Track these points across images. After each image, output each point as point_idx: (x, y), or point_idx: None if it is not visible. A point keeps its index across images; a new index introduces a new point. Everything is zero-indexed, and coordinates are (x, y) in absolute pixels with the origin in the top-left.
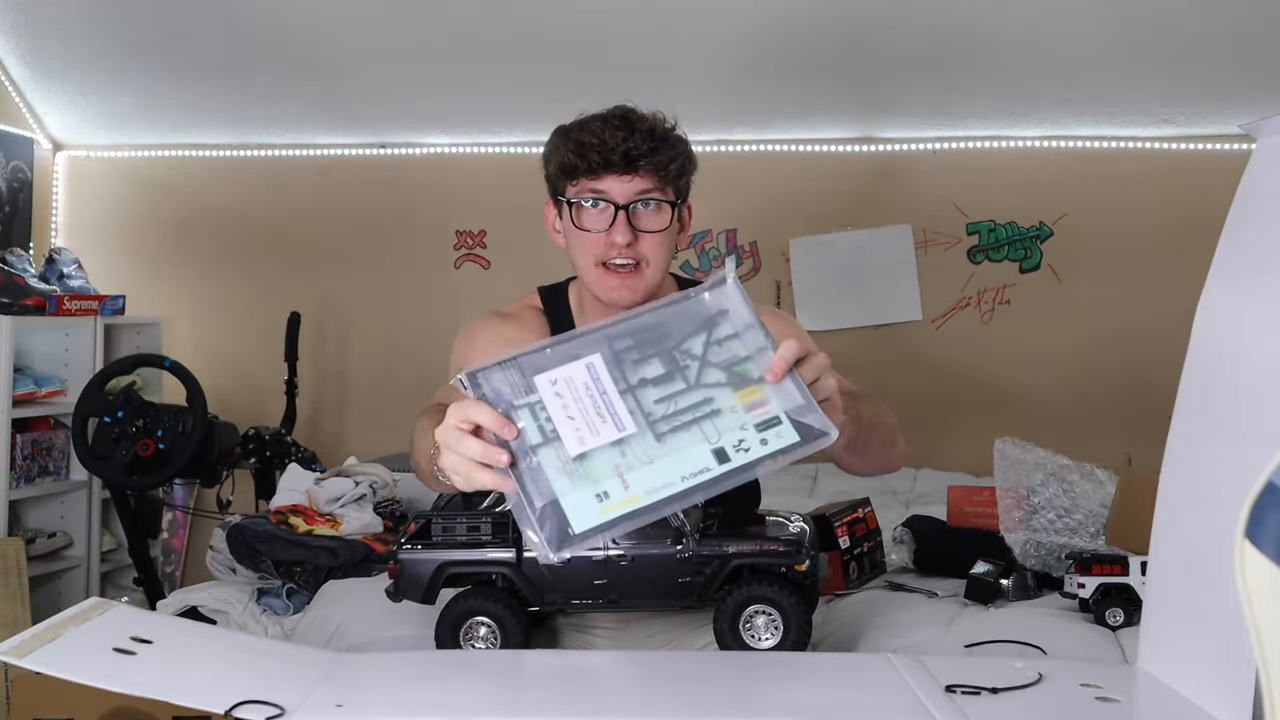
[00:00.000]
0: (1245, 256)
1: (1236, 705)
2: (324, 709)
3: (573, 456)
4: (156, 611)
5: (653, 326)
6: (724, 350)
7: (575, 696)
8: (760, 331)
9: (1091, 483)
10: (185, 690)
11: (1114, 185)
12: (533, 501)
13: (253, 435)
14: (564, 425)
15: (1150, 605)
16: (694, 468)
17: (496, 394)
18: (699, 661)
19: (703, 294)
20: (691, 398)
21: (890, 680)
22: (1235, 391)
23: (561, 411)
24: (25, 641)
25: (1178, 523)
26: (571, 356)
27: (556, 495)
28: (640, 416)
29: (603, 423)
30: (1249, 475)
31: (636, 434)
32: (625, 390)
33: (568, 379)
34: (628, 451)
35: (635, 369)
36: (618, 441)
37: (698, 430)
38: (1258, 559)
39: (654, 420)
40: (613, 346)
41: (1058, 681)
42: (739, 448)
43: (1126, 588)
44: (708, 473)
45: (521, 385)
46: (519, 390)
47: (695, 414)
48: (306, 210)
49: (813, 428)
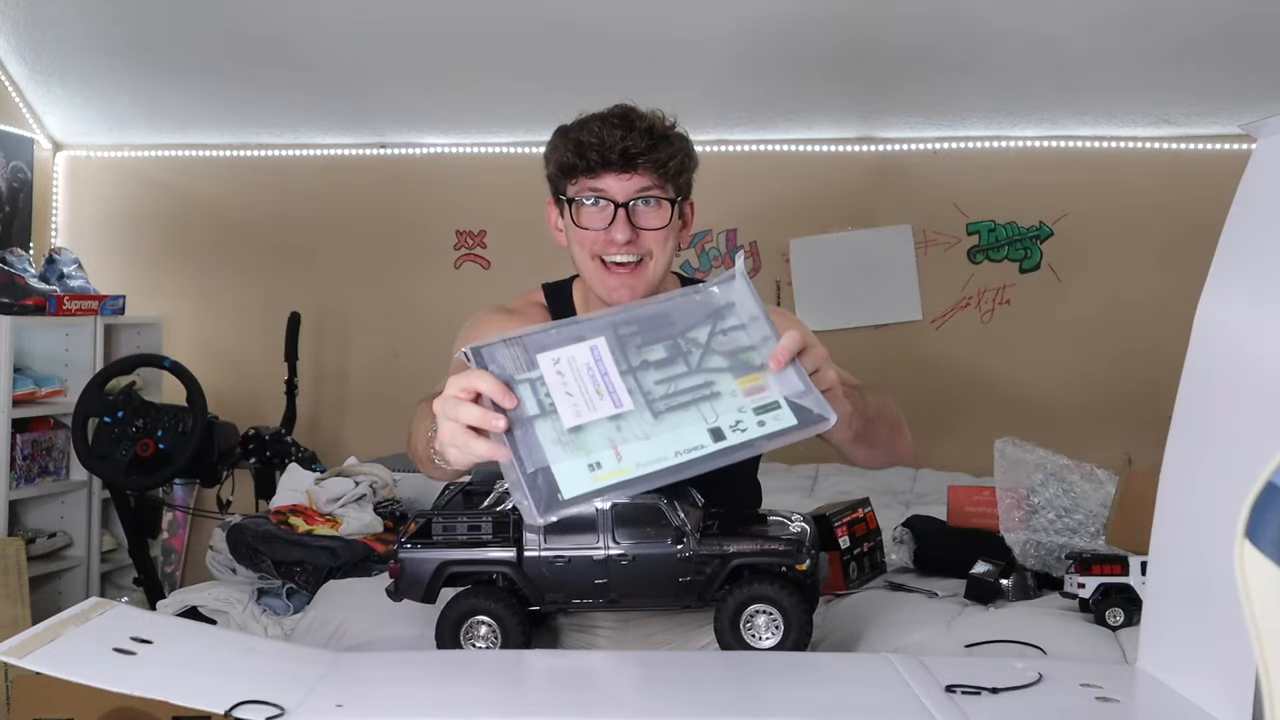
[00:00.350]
0: (1245, 256)
1: (1236, 705)
2: (324, 709)
3: (568, 428)
4: (156, 611)
5: (659, 315)
6: (728, 340)
7: (576, 696)
8: (766, 324)
9: (1091, 483)
10: (185, 690)
11: (1114, 185)
12: (525, 467)
13: (253, 435)
14: (562, 400)
15: (1150, 605)
16: (688, 444)
17: (499, 369)
18: (699, 661)
19: (711, 288)
20: (692, 380)
21: (890, 680)
22: (1235, 391)
23: (561, 388)
24: (25, 641)
25: (1177, 523)
26: (576, 338)
27: (549, 463)
28: (639, 395)
29: (600, 399)
30: (1249, 475)
31: (634, 411)
32: (626, 371)
33: (570, 358)
34: (623, 426)
35: (638, 353)
36: (614, 416)
37: (695, 410)
38: (1258, 559)
39: (653, 400)
40: (618, 331)
41: (1058, 681)
42: (735, 428)
43: (1126, 588)
44: (702, 449)
45: (524, 361)
46: (521, 366)
47: (695, 395)
48: (306, 210)
49: (811, 411)
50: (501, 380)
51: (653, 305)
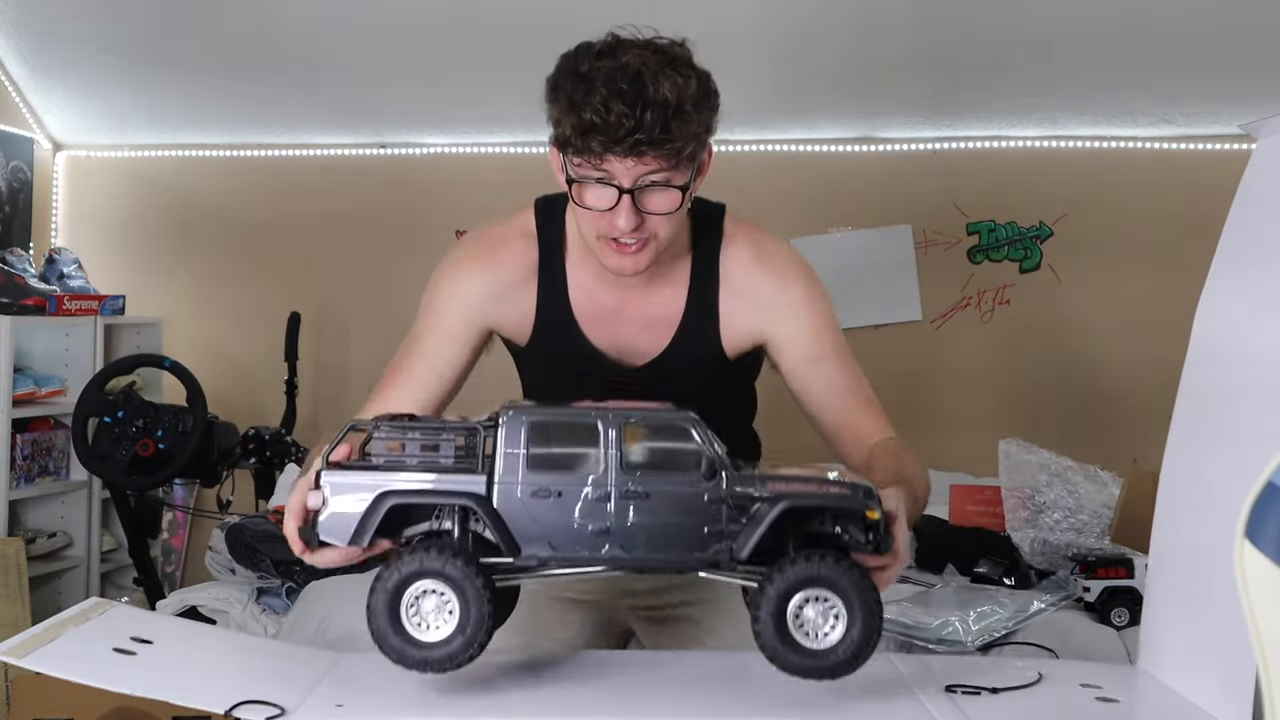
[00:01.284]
0: (1245, 256)
1: (1237, 705)
2: (324, 709)
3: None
4: (156, 611)
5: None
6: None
7: (576, 696)
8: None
9: (1095, 484)
10: (185, 690)
11: (1114, 185)
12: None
13: (253, 435)
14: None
15: (1150, 605)
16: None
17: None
18: (699, 661)
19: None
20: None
21: (890, 680)
22: (1235, 391)
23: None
24: (25, 641)
25: (1178, 523)
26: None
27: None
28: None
29: None
30: (1249, 475)
31: None
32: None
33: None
34: None
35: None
36: None
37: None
38: (1258, 559)
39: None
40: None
41: (1058, 682)
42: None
43: (1131, 589)
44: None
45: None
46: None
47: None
48: (306, 210)
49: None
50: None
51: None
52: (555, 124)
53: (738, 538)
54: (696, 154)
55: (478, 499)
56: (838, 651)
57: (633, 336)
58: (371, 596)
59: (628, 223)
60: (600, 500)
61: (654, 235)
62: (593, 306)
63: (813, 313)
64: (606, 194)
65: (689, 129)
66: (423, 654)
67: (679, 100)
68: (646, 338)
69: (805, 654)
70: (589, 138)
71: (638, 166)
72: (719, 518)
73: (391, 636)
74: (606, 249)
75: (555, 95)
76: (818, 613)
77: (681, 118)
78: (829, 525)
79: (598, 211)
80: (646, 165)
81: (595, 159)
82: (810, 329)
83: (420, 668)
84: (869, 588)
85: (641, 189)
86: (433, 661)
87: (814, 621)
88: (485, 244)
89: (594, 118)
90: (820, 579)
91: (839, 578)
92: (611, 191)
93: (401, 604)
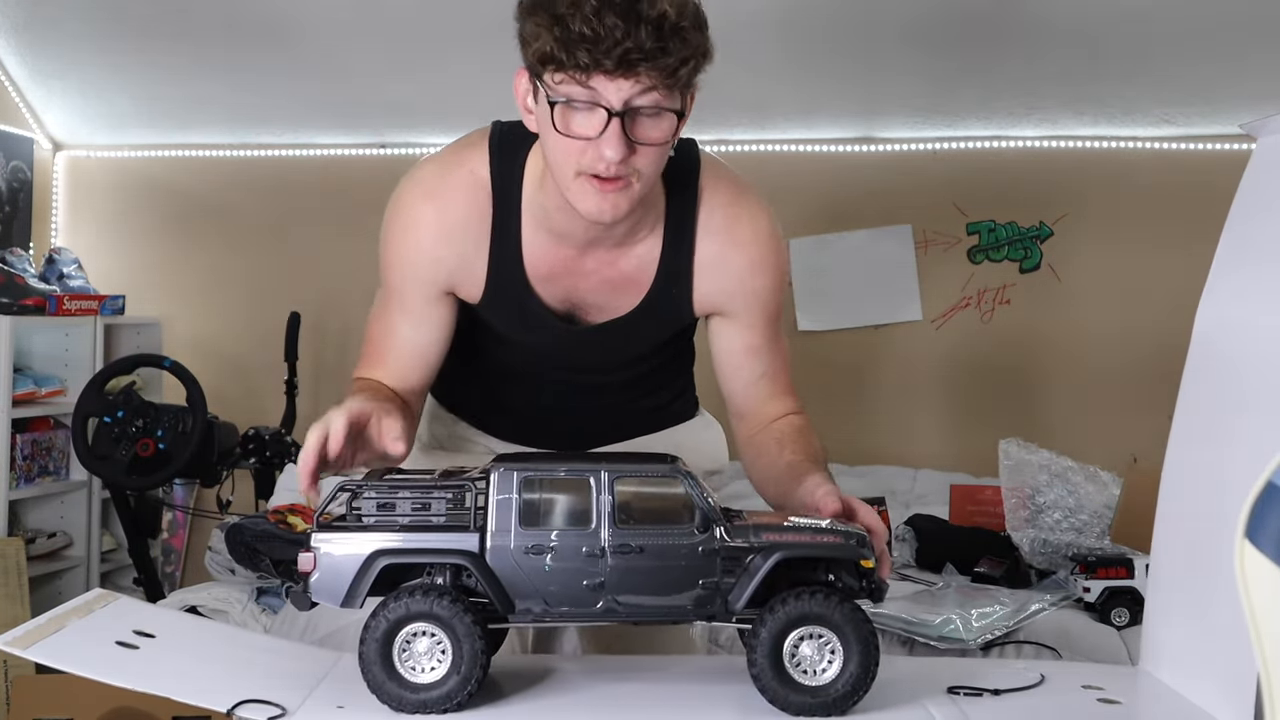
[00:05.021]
0: (1245, 256)
1: (1237, 705)
2: (326, 709)
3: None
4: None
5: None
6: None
7: (575, 697)
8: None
9: (1095, 484)
10: (186, 688)
11: (1114, 185)
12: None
13: (253, 435)
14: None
15: (1151, 606)
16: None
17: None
18: (699, 662)
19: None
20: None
21: (891, 681)
22: (1235, 391)
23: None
24: (29, 632)
25: (1178, 523)
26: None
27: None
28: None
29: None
30: (1249, 475)
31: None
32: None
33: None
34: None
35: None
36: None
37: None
38: (1258, 559)
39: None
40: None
41: (1059, 683)
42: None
43: (1132, 589)
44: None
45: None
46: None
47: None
48: (306, 210)
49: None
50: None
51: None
52: (532, 40)
53: (732, 589)
54: (689, 79)
55: (471, 557)
56: (837, 686)
57: (592, 293)
58: (362, 647)
59: (615, 151)
60: (594, 555)
61: (637, 173)
62: (548, 261)
63: (770, 304)
64: (593, 119)
65: (689, 46)
66: (420, 696)
67: (677, 16)
68: (611, 297)
69: (804, 691)
70: (575, 49)
71: (630, 86)
72: (713, 570)
73: (387, 684)
74: (585, 188)
75: (533, 9)
76: (813, 649)
77: (679, 35)
78: (822, 574)
79: (581, 141)
80: (640, 83)
81: (581, 75)
82: (763, 320)
83: (420, 710)
84: (863, 620)
85: (632, 114)
86: (432, 702)
87: (810, 659)
88: (429, 201)
89: (584, 28)
90: (813, 616)
91: (831, 613)
92: (599, 115)
93: (393, 650)
